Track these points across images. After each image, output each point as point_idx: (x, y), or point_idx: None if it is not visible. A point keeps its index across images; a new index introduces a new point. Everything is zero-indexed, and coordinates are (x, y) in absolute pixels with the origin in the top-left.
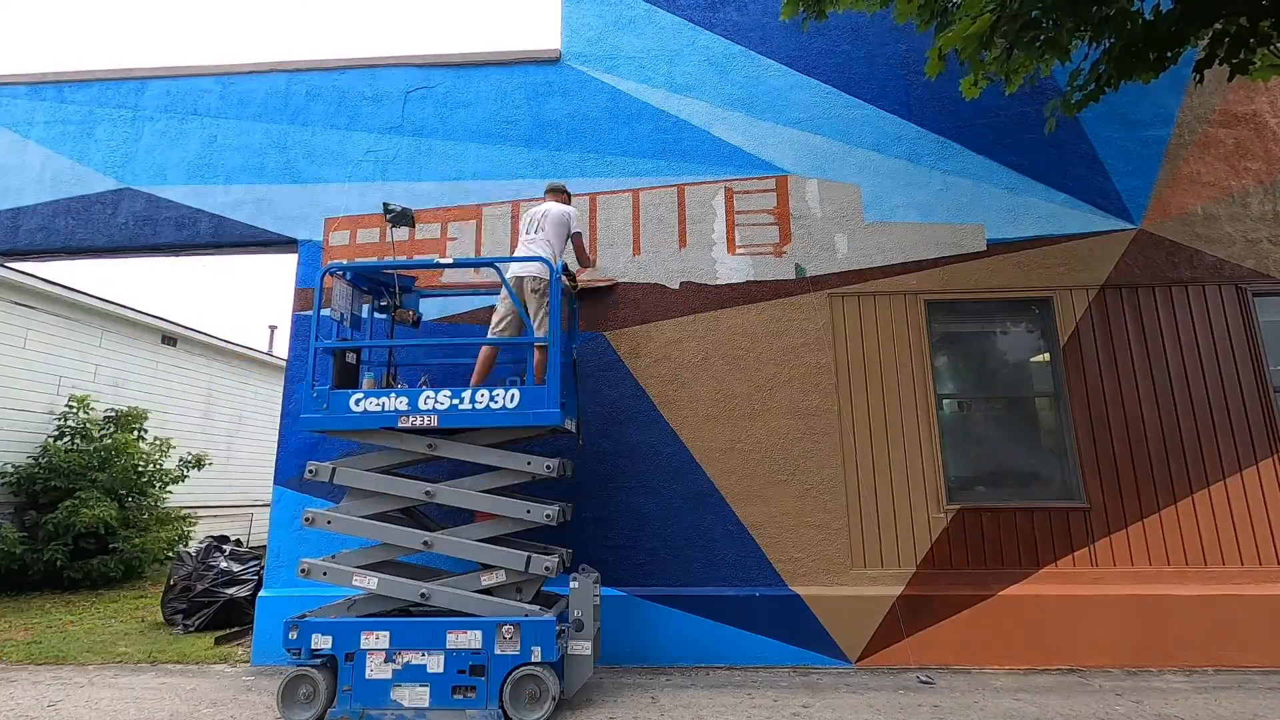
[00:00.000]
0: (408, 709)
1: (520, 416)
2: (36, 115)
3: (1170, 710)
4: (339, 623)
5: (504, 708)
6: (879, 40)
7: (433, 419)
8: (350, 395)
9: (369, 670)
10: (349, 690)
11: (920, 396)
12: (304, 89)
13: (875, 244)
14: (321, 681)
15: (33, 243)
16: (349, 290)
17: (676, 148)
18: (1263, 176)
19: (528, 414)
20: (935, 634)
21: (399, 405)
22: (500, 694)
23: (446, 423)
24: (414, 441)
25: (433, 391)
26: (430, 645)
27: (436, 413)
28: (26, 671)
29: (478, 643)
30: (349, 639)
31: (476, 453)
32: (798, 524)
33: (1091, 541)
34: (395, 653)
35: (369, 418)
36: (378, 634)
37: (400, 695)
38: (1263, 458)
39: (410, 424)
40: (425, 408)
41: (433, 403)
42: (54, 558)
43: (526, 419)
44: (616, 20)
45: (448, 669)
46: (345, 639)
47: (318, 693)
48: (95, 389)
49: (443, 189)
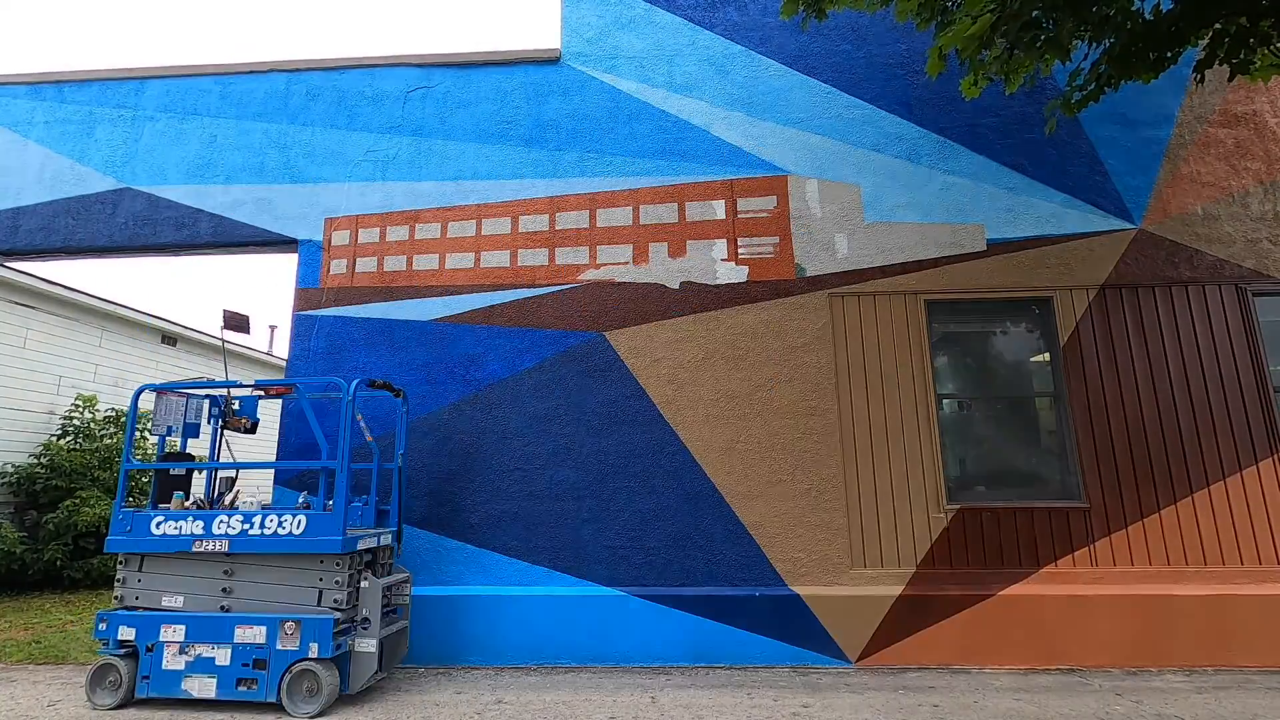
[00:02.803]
0: (196, 698)
1: (306, 543)
2: (36, 115)
3: (1170, 710)
4: (142, 616)
5: (281, 700)
6: (879, 40)
7: (224, 544)
8: (152, 518)
9: (165, 661)
10: (147, 679)
11: (920, 396)
12: (304, 89)
13: (875, 244)
14: (124, 670)
15: (33, 242)
16: (179, 401)
17: (676, 148)
18: (1263, 176)
19: (313, 540)
20: (935, 634)
21: (195, 529)
22: (279, 686)
23: (237, 548)
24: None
25: (226, 515)
26: (220, 639)
27: (228, 537)
28: (26, 671)
29: (262, 638)
30: (150, 631)
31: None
32: (798, 524)
33: (1091, 541)
34: (189, 645)
35: (167, 540)
36: (175, 627)
37: (190, 685)
38: (1263, 458)
39: (204, 548)
40: (218, 532)
41: (225, 527)
42: (54, 557)
43: (312, 545)
44: (616, 20)
45: (234, 661)
46: (146, 631)
47: (121, 681)
48: (95, 389)
49: (443, 189)
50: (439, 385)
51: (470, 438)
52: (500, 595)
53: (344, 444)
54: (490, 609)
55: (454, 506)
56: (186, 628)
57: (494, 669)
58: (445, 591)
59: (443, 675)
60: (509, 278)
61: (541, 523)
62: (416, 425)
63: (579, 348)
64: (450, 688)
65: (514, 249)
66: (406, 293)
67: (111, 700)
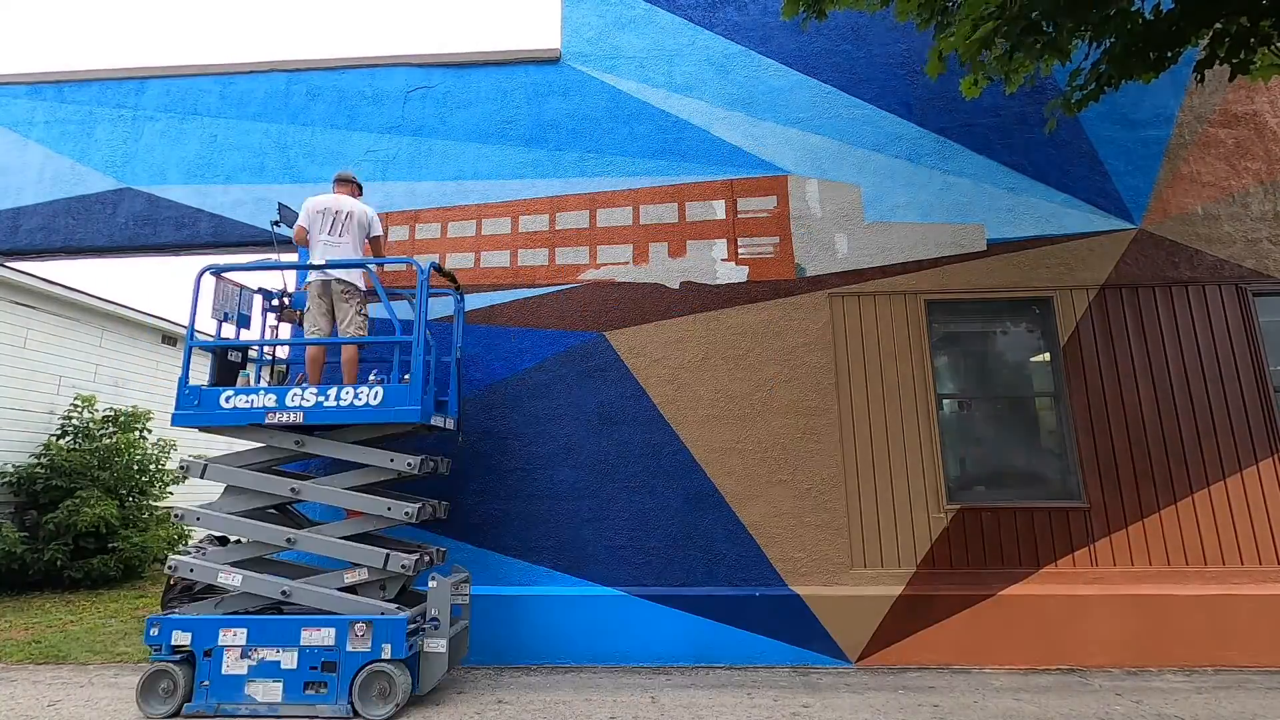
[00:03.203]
0: (261, 703)
1: (383, 413)
2: (36, 115)
3: (1170, 710)
4: (199, 620)
5: (353, 703)
6: (879, 40)
7: (298, 415)
8: (221, 392)
9: (225, 666)
10: (206, 685)
11: (920, 396)
12: (304, 89)
13: (875, 244)
14: (180, 676)
15: (33, 242)
16: (236, 290)
17: (676, 148)
18: (1263, 176)
19: (390, 410)
20: (935, 634)
21: (267, 402)
22: (350, 690)
23: (312, 419)
24: (283, 438)
25: (300, 389)
26: (285, 642)
27: (302, 409)
28: (26, 671)
29: (330, 640)
30: (207, 636)
31: (341, 449)
32: (798, 524)
33: (1091, 541)
34: (251, 649)
35: (238, 414)
36: (235, 631)
37: (254, 690)
38: (1263, 458)
39: (277, 420)
40: (292, 404)
41: (299, 399)
42: (54, 557)
43: (389, 415)
44: (616, 20)
45: (301, 665)
46: (204, 636)
47: (176, 688)
48: (95, 389)
49: (443, 189)
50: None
51: (470, 438)
52: (501, 595)
53: (420, 319)
54: (491, 609)
55: (454, 506)
56: (248, 630)
57: (494, 669)
58: None
59: None
60: (509, 278)
61: (542, 523)
62: None
63: (579, 348)
64: (451, 689)
65: (514, 249)
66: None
67: (165, 708)
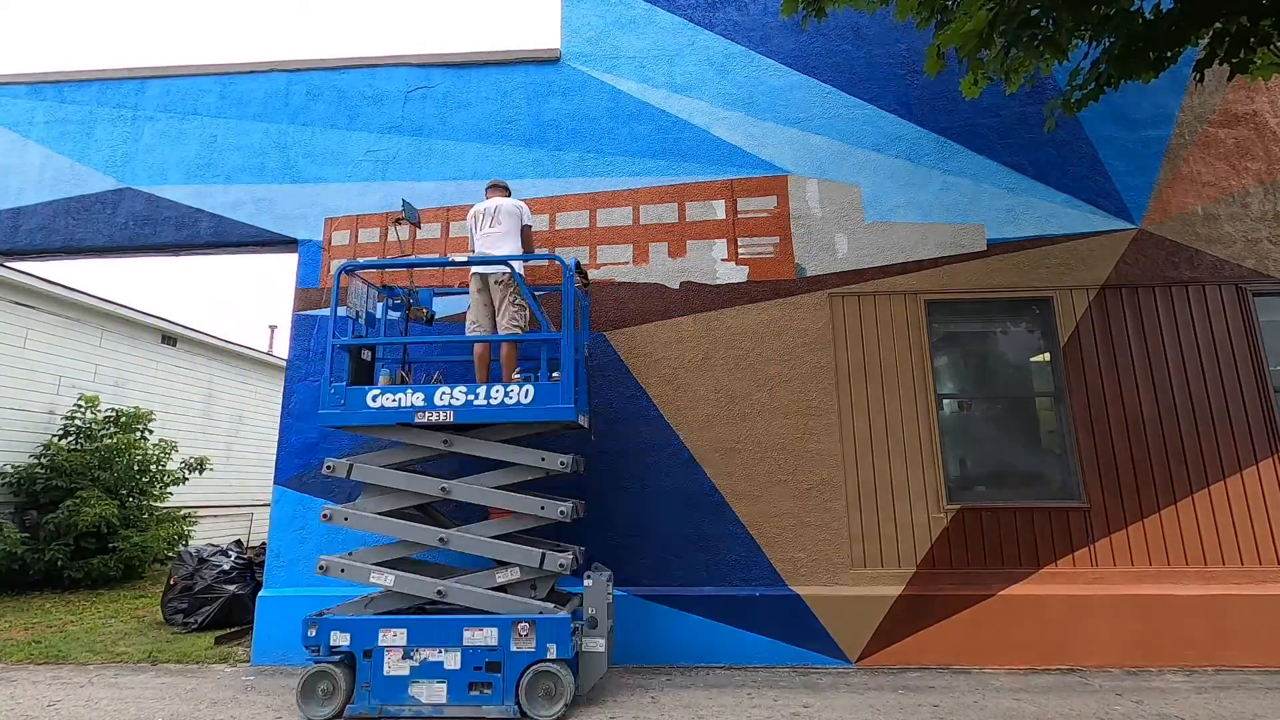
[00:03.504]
0: (425, 705)
1: (535, 411)
2: (36, 115)
3: (1170, 710)
4: (357, 620)
5: (520, 704)
6: (879, 40)
7: (448, 414)
8: (367, 391)
9: (387, 667)
10: (367, 686)
11: (920, 396)
12: (304, 89)
13: (875, 244)
14: (340, 678)
15: (33, 242)
16: (364, 288)
17: (676, 148)
18: (1263, 176)
19: (543, 409)
20: (935, 634)
21: (415, 401)
22: (516, 690)
23: (462, 418)
24: (430, 438)
25: (449, 387)
26: (447, 642)
27: (452, 408)
28: (26, 671)
29: (493, 640)
30: (367, 636)
31: (491, 448)
32: (798, 524)
33: (1091, 541)
34: (413, 650)
35: (386, 413)
36: (395, 631)
37: (418, 691)
38: (1263, 458)
39: (426, 419)
40: (441, 403)
41: (449, 398)
42: (54, 557)
43: (542, 414)
44: (616, 20)
45: (464, 666)
46: (363, 636)
47: (336, 689)
48: (95, 389)
49: (443, 189)
50: None
51: None
52: None
53: (569, 317)
54: None
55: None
56: (408, 631)
57: None
58: None
59: None
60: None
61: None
62: None
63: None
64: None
65: None
66: None
67: (326, 711)
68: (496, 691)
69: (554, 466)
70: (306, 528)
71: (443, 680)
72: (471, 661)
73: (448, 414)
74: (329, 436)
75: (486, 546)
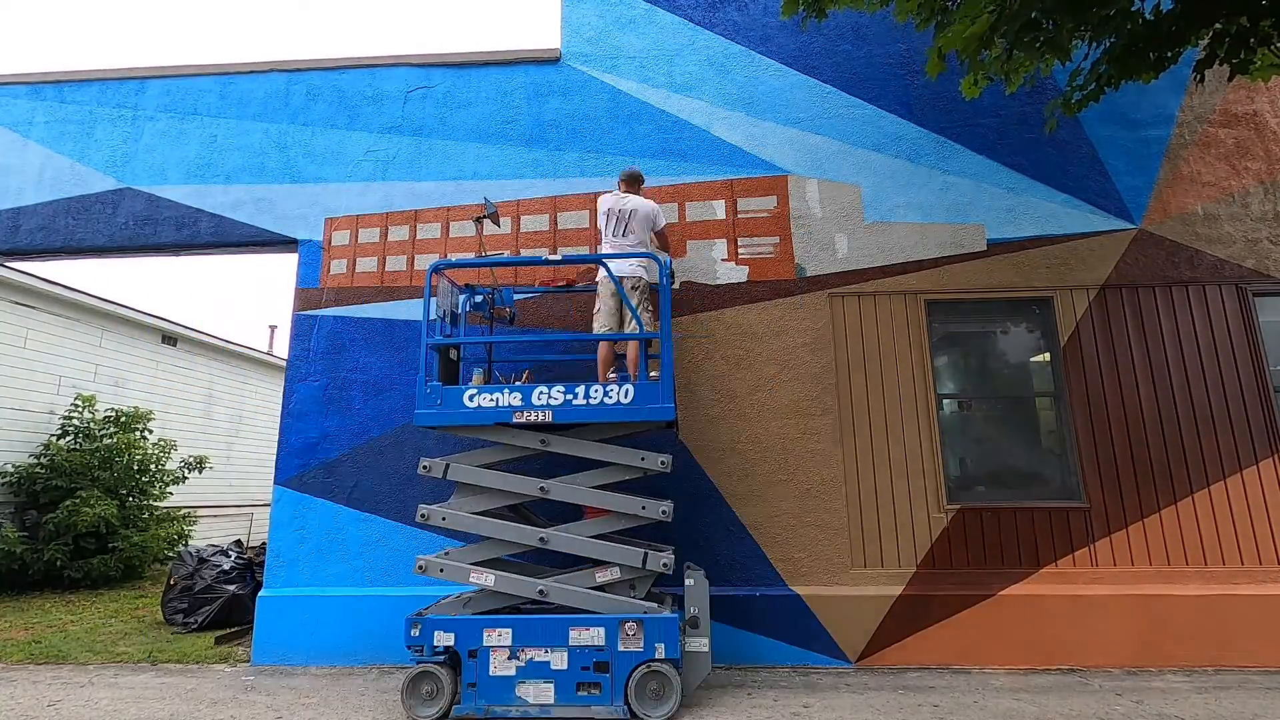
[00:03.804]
0: (533, 705)
1: (635, 411)
2: (36, 115)
3: (1170, 710)
4: (461, 620)
5: (629, 704)
6: (879, 40)
7: (547, 414)
8: (464, 391)
9: (493, 667)
10: (474, 687)
11: (920, 396)
12: (304, 89)
13: (875, 244)
14: (445, 678)
15: (33, 242)
16: (449, 287)
17: (676, 147)
18: (1263, 176)
19: (643, 409)
20: (935, 634)
21: (513, 401)
22: (625, 690)
23: (561, 418)
24: (526, 437)
25: (545, 387)
26: (552, 642)
27: (551, 408)
28: (26, 671)
29: (600, 640)
30: (471, 636)
31: (589, 448)
32: (798, 524)
33: (1091, 541)
34: (518, 650)
35: (484, 413)
36: (500, 631)
37: (525, 692)
38: (1263, 458)
39: (525, 419)
40: (539, 403)
41: (546, 398)
42: (54, 557)
43: (641, 414)
44: (616, 20)
45: (571, 666)
46: (468, 636)
47: (441, 690)
48: (95, 389)
49: (443, 188)
50: None
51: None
52: None
53: (667, 316)
54: None
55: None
56: (513, 630)
57: None
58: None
59: None
60: (510, 277)
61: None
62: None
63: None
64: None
65: (515, 249)
66: (406, 293)
67: (432, 711)
68: (605, 692)
69: (654, 466)
70: (306, 528)
71: (550, 680)
72: (579, 661)
73: (546, 414)
74: (329, 436)
75: (588, 546)
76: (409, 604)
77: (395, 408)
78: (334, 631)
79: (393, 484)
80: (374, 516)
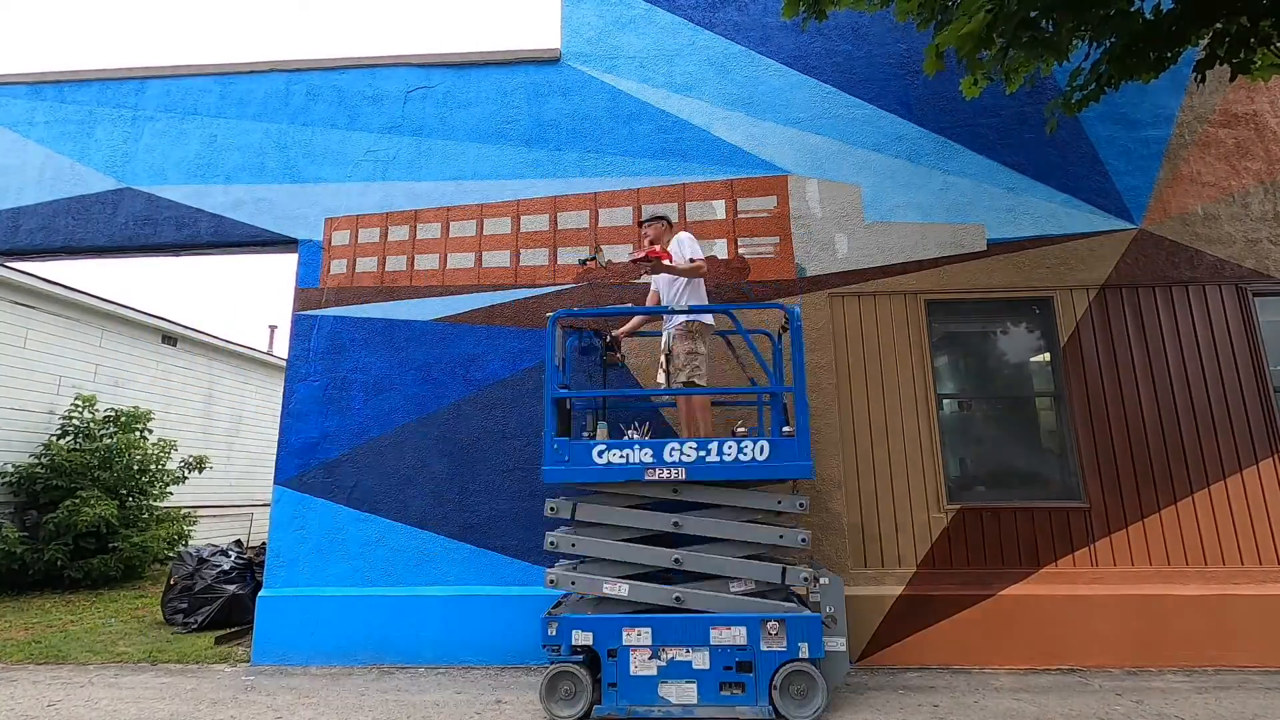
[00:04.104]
0: (675, 705)
1: (772, 469)
2: (36, 115)
3: (1170, 710)
4: (600, 619)
5: (774, 704)
6: (879, 40)
7: (680, 471)
8: (592, 447)
9: (633, 667)
10: (614, 687)
11: (920, 396)
12: (304, 89)
13: (875, 244)
14: (584, 678)
15: (33, 242)
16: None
17: (676, 148)
18: (1263, 176)
19: (779, 466)
20: (935, 634)
21: (644, 458)
22: (769, 690)
23: (695, 475)
24: (658, 488)
25: (677, 443)
26: (694, 641)
27: (683, 464)
28: (26, 671)
29: (742, 639)
30: (610, 635)
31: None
32: None
33: (1091, 541)
34: (659, 649)
35: (614, 470)
36: (639, 630)
37: (668, 692)
38: (1263, 458)
39: (656, 476)
40: (671, 460)
41: (678, 454)
42: (54, 557)
43: (780, 472)
44: (616, 20)
45: (713, 665)
46: (606, 635)
47: (579, 689)
48: (95, 389)
49: (443, 188)
50: (439, 385)
51: (470, 438)
52: (502, 595)
53: (799, 368)
54: (491, 609)
55: (455, 506)
56: (652, 629)
57: (495, 668)
58: (446, 591)
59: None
60: (509, 278)
61: (543, 523)
62: (416, 425)
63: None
64: (451, 687)
65: (515, 249)
66: (407, 293)
67: (573, 710)
68: (749, 692)
69: (791, 509)
70: (306, 528)
71: (692, 680)
72: (721, 661)
73: (679, 471)
74: (329, 436)
75: (725, 565)
76: (409, 604)
77: (395, 408)
78: (334, 631)
79: (393, 484)
80: (374, 516)
